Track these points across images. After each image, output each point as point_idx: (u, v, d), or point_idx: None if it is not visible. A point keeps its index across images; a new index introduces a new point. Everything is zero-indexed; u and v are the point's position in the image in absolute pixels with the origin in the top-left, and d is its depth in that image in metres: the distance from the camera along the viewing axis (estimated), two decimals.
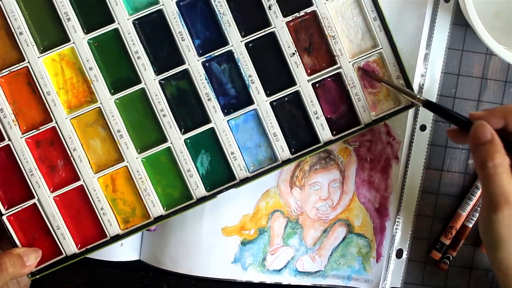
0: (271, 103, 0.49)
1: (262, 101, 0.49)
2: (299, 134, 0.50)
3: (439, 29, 0.53)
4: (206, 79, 0.48)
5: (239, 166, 0.49)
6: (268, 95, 0.49)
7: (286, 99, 0.49)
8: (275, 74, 0.49)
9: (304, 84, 0.49)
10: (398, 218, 0.54)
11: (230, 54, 0.48)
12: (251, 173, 0.49)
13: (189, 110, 0.49)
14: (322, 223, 0.54)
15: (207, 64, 0.48)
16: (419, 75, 0.53)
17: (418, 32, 0.52)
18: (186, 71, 0.48)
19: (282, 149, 0.49)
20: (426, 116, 0.54)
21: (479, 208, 0.54)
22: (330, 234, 0.54)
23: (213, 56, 0.48)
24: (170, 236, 0.52)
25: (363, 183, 0.54)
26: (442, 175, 0.55)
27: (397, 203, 0.54)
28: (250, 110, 0.49)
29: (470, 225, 0.55)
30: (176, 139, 0.48)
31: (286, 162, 0.49)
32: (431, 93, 0.54)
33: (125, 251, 0.52)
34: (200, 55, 0.48)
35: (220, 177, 0.49)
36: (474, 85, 0.55)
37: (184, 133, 0.48)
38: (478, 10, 0.48)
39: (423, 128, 0.54)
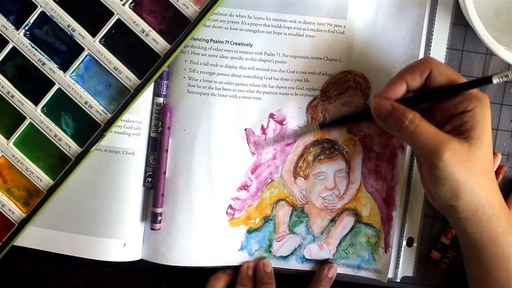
0: (100, 41, 0.49)
1: (90, 44, 0.49)
2: (140, 58, 0.49)
3: (439, 29, 0.53)
4: (33, 47, 0.49)
5: (98, 112, 0.50)
6: (93, 35, 0.49)
7: (113, 31, 0.49)
8: (92, 14, 0.49)
9: (120, 9, 0.49)
10: (407, 207, 0.54)
11: (44, 15, 0.49)
12: (112, 114, 0.50)
13: (33, 82, 0.50)
14: (329, 212, 0.54)
15: (28, 33, 0.50)
16: None
17: (420, 19, 0.52)
18: (14, 49, 0.50)
19: (128, 79, 0.49)
20: None
21: None
22: (338, 223, 0.54)
23: (30, 24, 0.49)
24: (178, 233, 0.53)
25: (369, 173, 0.54)
26: None
27: (404, 192, 0.54)
28: (85, 57, 0.49)
29: None
30: (32, 112, 0.50)
31: (138, 89, 0.49)
32: None
33: (127, 251, 0.53)
34: (18, 28, 0.49)
35: (89, 130, 0.50)
36: None
37: (36, 104, 0.50)
38: (478, 10, 0.48)
39: None
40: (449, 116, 0.44)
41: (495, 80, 0.42)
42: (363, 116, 0.47)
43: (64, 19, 0.49)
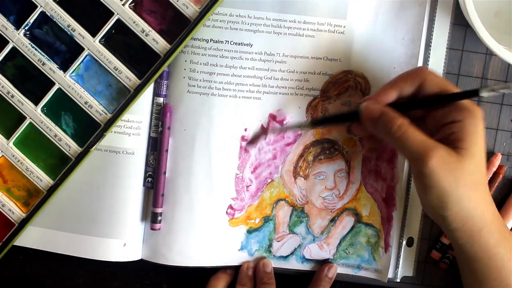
0: (100, 41, 0.49)
1: (90, 44, 0.49)
2: (140, 58, 0.49)
3: (438, 29, 0.53)
4: (33, 47, 0.49)
5: (98, 112, 0.50)
6: (93, 35, 0.49)
7: (113, 31, 0.49)
8: (92, 14, 0.49)
9: (120, 9, 0.49)
10: (407, 207, 0.54)
11: (44, 15, 0.49)
12: (112, 114, 0.50)
13: (33, 82, 0.50)
14: (329, 212, 0.54)
15: (28, 33, 0.50)
16: (421, 65, 0.53)
17: (419, 19, 0.52)
18: (14, 49, 0.50)
19: (128, 79, 0.49)
20: None
21: None
22: (338, 223, 0.54)
23: (30, 23, 0.49)
24: (178, 233, 0.53)
25: (369, 173, 0.54)
26: None
27: (404, 192, 0.54)
28: (85, 57, 0.49)
29: None
30: (32, 112, 0.50)
31: (138, 89, 0.49)
32: None
33: (127, 251, 0.52)
34: (18, 28, 0.49)
35: (89, 130, 0.50)
36: (474, 85, 0.55)
37: (36, 104, 0.50)
38: (478, 10, 0.48)
39: None
40: (440, 125, 0.44)
41: (482, 93, 0.42)
42: (354, 117, 0.47)
43: (64, 19, 0.49)
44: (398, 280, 0.55)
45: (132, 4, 0.49)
